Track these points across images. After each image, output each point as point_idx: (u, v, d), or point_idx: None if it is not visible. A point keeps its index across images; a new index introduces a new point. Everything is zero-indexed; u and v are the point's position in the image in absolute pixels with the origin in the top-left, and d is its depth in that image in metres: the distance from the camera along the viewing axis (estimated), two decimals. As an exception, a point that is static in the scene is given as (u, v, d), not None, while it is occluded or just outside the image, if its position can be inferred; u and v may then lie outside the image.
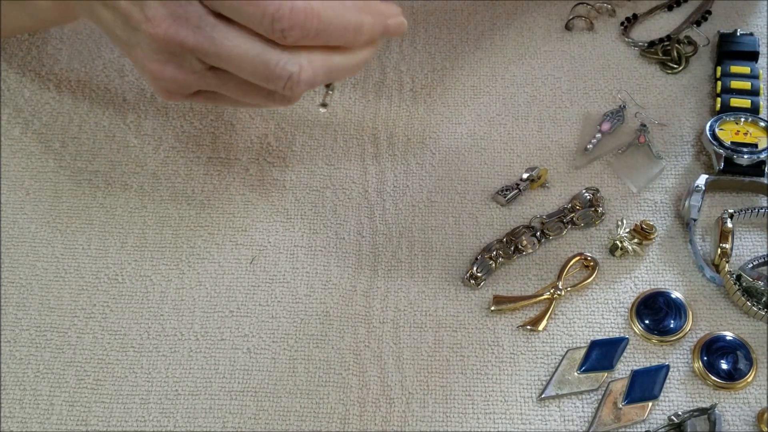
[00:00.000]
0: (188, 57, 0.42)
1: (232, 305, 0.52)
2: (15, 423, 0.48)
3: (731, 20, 0.66)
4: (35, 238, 0.55)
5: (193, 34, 0.41)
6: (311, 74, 0.42)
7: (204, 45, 0.41)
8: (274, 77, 0.41)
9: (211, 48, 0.41)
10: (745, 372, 0.49)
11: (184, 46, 0.41)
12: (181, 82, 0.44)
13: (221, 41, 0.41)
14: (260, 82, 0.42)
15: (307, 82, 0.42)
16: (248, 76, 0.42)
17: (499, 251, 0.53)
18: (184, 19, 0.41)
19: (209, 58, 0.42)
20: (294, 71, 0.41)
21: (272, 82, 0.42)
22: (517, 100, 0.62)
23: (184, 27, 0.41)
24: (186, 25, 0.41)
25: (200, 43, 0.41)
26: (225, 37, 0.41)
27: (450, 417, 0.48)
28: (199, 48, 0.41)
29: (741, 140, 0.56)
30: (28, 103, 0.61)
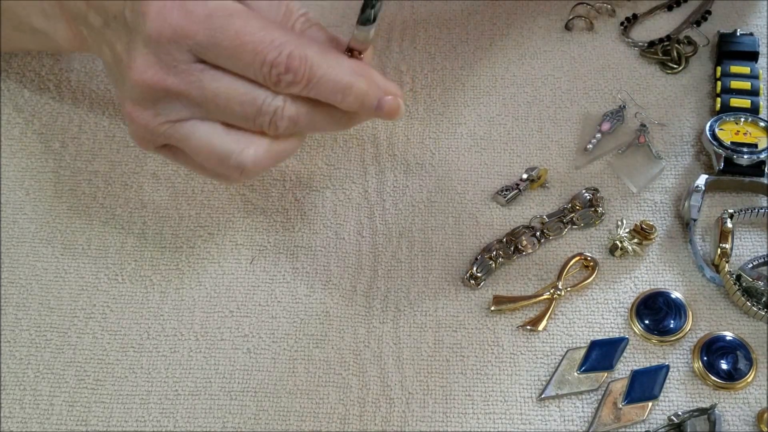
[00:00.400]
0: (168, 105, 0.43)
1: (232, 305, 0.52)
2: (15, 423, 0.48)
3: (731, 20, 0.66)
4: (35, 238, 0.55)
5: (179, 80, 0.42)
6: (294, 113, 0.42)
7: (191, 91, 0.42)
8: (261, 113, 0.42)
9: (198, 92, 0.42)
10: (745, 372, 0.49)
11: (170, 90, 0.42)
12: (152, 130, 0.44)
13: (209, 83, 0.42)
14: (246, 120, 0.42)
15: (291, 119, 0.42)
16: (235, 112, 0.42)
17: (499, 251, 0.53)
18: (172, 66, 0.42)
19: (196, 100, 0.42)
20: (279, 105, 0.42)
21: (259, 117, 0.42)
22: (517, 100, 0.62)
23: (171, 73, 0.42)
24: (173, 71, 0.42)
25: (187, 88, 0.42)
26: (213, 79, 0.42)
27: (450, 417, 0.48)
28: (186, 92, 0.42)
29: (741, 140, 0.56)
30: (28, 103, 0.61)
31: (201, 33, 0.41)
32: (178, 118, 0.43)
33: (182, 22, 0.41)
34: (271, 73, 0.41)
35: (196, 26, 0.41)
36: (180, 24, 0.41)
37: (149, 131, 0.44)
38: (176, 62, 0.42)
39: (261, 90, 0.42)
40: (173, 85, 0.42)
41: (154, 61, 0.42)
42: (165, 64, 0.42)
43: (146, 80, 0.42)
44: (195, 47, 0.41)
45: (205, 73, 0.42)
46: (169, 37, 0.41)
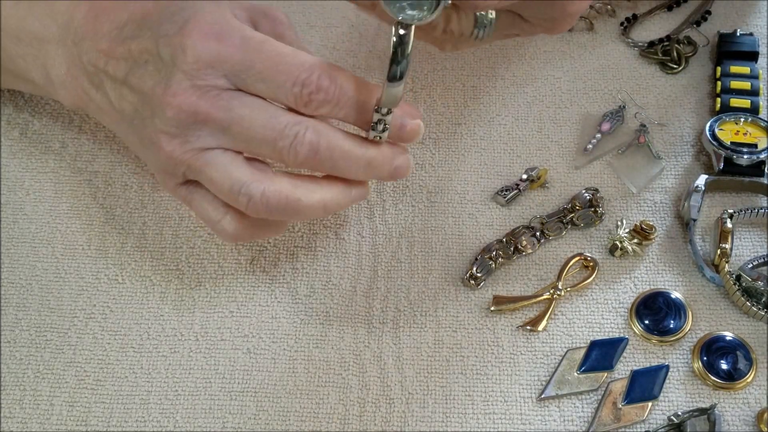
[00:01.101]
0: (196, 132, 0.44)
1: (232, 305, 0.52)
2: (15, 423, 0.48)
3: (731, 20, 0.66)
4: (35, 238, 0.55)
5: (210, 104, 0.43)
6: (316, 140, 0.43)
7: (219, 114, 0.43)
8: (282, 136, 0.43)
9: (226, 116, 0.43)
10: (745, 372, 0.49)
11: (199, 114, 0.43)
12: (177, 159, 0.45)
13: (237, 107, 0.43)
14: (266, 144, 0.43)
15: (312, 145, 0.43)
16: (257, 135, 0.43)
17: (499, 251, 0.53)
18: (206, 91, 0.43)
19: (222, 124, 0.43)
20: (300, 131, 0.43)
21: (280, 141, 0.43)
22: (517, 100, 0.62)
23: (203, 98, 0.43)
24: (205, 96, 0.43)
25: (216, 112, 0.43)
26: (242, 104, 0.43)
27: (450, 417, 0.48)
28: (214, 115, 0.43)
29: (741, 140, 0.56)
30: (28, 103, 0.61)
31: (237, 56, 0.43)
32: (205, 146, 0.44)
33: (219, 47, 0.43)
34: (302, 93, 0.43)
35: (232, 50, 0.43)
36: (217, 49, 0.43)
37: (174, 161, 0.45)
38: (210, 87, 0.43)
39: (286, 115, 0.43)
40: (203, 108, 0.43)
41: (188, 86, 0.43)
42: (199, 89, 0.43)
43: (180, 104, 0.43)
44: (230, 71, 0.43)
45: (235, 99, 0.43)
46: (207, 63, 0.43)
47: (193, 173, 0.45)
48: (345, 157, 0.44)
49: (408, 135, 0.45)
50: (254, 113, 0.43)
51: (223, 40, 0.43)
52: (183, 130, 0.44)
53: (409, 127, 0.45)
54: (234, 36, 0.43)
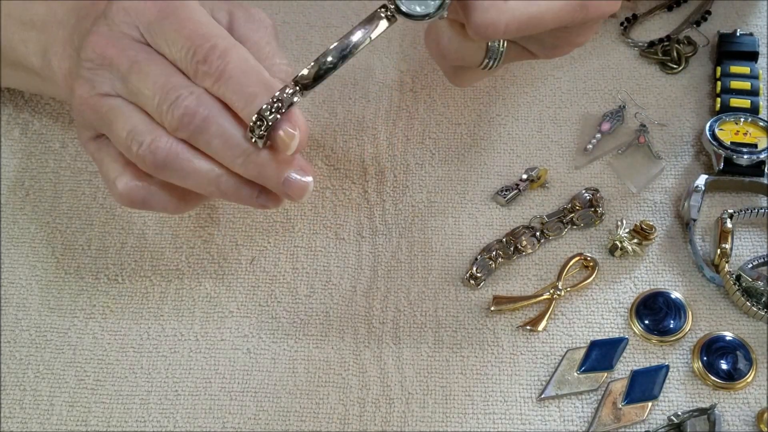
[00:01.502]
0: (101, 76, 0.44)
1: (232, 305, 0.52)
2: (15, 423, 0.48)
3: (731, 20, 0.66)
4: (35, 238, 0.55)
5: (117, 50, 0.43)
6: (194, 105, 0.42)
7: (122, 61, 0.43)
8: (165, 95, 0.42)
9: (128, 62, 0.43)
10: (745, 372, 0.49)
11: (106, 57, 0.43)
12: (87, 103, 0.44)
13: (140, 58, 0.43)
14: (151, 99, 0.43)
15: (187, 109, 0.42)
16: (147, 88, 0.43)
17: (499, 251, 0.53)
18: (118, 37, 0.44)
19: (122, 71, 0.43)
20: (183, 94, 0.42)
21: (162, 98, 0.42)
22: (517, 100, 0.62)
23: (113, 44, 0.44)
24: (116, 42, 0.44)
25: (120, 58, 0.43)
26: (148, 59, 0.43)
27: (450, 417, 0.48)
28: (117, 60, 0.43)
29: (741, 140, 0.56)
30: (28, 103, 0.61)
31: (152, 12, 0.43)
32: (107, 91, 0.44)
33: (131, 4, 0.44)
34: (192, 60, 0.42)
35: (150, 5, 0.43)
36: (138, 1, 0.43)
37: (83, 105, 0.44)
38: (123, 35, 0.44)
39: (180, 78, 0.43)
40: (110, 52, 0.43)
41: (105, 31, 0.44)
42: (113, 34, 0.44)
43: (93, 45, 0.44)
44: (144, 24, 0.43)
45: (142, 52, 0.43)
46: (125, 9, 0.44)
47: (99, 121, 0.45)
48: (221, 137, 0.42)
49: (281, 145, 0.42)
50: (152, 68, 0.43)
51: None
52: (92, 73, 0.44)
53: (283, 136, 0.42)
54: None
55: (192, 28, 0.43)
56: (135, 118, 0.44)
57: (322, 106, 0.61)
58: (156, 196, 0.45)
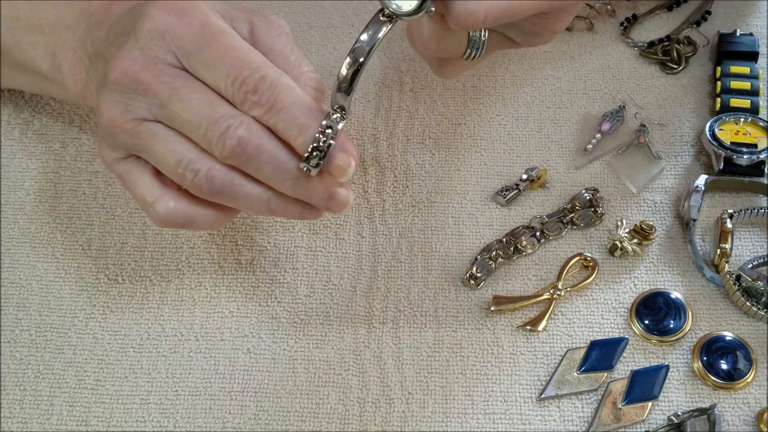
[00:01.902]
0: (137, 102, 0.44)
1: (232, 305, 0.52)
2: (15, 423, 0.48)
3: (731, 20, 0.66)
4: (35, 238, 0.55)
5: (153, 75, 0.43)
6: (246, 135, 0.42)
7: (160, 89, 0.43)
8: (215, 124, 0.42)
9: (167, 93, 0.43)
10: (745, 372, 0.49)
11: (141, 83, 0.43)
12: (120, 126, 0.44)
13: (180, 85, 0.43)
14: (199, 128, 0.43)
15: (241, 140, 0.42)
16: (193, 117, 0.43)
17: (499, 251, 0.53)
18: (153, 62, 0.43)
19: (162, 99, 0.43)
20: (234, 124, 0.42)
21: (212, 128, 0.42)
22: (517, 100, 0.62)
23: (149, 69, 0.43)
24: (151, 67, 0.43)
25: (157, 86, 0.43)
26: (185, 84, 0.43)
27: (450, 417, 0.48)
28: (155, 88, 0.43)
29: (741, 140, 0.56)
30: (28, 103, 0.61)
31: (190, 35, 0.43)
32: (143, 116, 0.44)
33: (175, 21, 0.43)
34: (240, 90, 0.42)
35: (187, 29, 0.43)
36: (173, 23, 0.43)
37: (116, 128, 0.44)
38: (158, 59, 0.43)
39: (226, 107, 0.43)
40: (145, 78, 0.43)
41: (137, 54, 0.43)
42: (147, 58, 0.43)
43: (124, 68, 0.43)
44: (180, 49, 0.43)
45: (180, 78, 0.43)
46: (160, 33, 0.43)
47: (137, 145, 0.45)
48: (272, 164, 0.43)
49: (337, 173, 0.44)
50: (194, 96, 0.43)
51: (183, 17, 0.43)
52: (125, 96, 0.44)
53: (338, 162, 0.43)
54: (195, 17, 0.43)
55: (236, 57, 0.42)
56: (181, 146, 0.44)
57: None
58: (198, 216, 0.46)
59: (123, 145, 0.45)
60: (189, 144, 0.44)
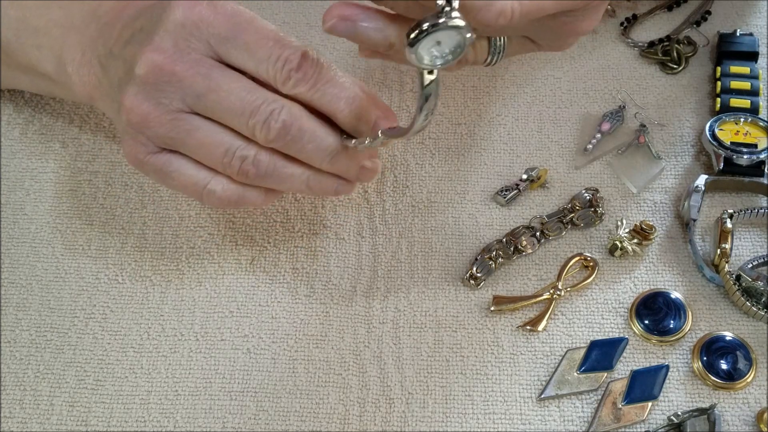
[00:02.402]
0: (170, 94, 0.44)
1: (232, 305, 0.52)
2: (15, 423, 0.48)
3: (731, 20, 0.66)
4: (35, 238, 0.55)
5: (188, 67, 0.43)
6: (289, 119, 0.43)
7: (197, 80, 0.43)
8: (258, 111, 0.43)
9: (203, 83, 0.43)
10: (745, 372, 0.49)
11: (176, 75, 0.43)
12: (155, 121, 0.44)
13: (217, 79, 0.43)
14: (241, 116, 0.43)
15: (284, 125, 0.43)
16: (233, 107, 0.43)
17: (499, 251, 0.53)
18: (186, 53, 0.43)
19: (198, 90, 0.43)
20: (276, 109, 0.43)
21: (255, 115, 0.43)
22: (517, 100, 0.62)
23: (183, 59, 0.43)
24: (185, 58, 0.43)
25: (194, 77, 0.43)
26: (223, 75, 0.43)
27: (450, 417, 0.48)
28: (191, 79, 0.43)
29: (741, 140, 0.56)
30: (28, 104, 0.61)
31: (225, 24, 0.43)
32: (179, 108, 0.44)
33: (208, 12, 0.43)
34: (284, 69, 0.43)
35: (221, 18, 0.43)
36: (206, 14, 0.43)
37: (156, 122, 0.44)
38: (191, 50, 0.43)
39: (264, 92, 0.43)
40: (181, 70, 0.43)
41: (169, 46, 0.43)
42: (179, 50, 0.43)
43: (157, 62, 0.43)
44: (215, 38, 0.43)
45: (215, 68, 0.43)
46: (193, 23, 0.43)
47: (175, 139, 0.45)
48: (313, 142, 0.44)
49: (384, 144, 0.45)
50: (233, 84, 0.43)
51: (215, 7, 0.43)
52: (155, 90, 0.44)
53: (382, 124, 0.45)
54: (226, 5, 0.43)
55: (274, 37, 0.43)
56: (224, 135, 0.44)
57: (322, 106, 0.61)
58: (249, 194, 0.47)
59: (156, 139, 0.45)
60: (230, 132, 0.44)
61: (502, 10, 0.42)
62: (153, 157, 0.46)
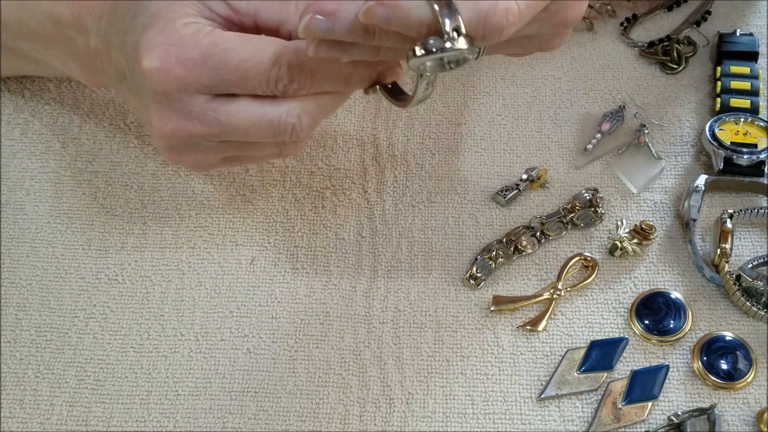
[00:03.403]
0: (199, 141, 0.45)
1: (232, 305, 0.52)
2: (15, 423, 0.48)
3: (731, 20, 0.66)
4: (35, 238, 0.55)
5: (199, 124, 0.44)
6: (310, 120, 0.44)
7: (212, 129, 0.44)
8: (280, 132, 0.44)
9: (219, 129, 0.44)
10: (745, 372, 0.49)
11: (193, 135, 0.44)
12: (202, 161, 0.47)
13: (226, 120, 0.44)
14: (269, 140, 0.45)
15: (310, 127, 0.44)
16: (257, 138, 0.45)
17: (499, 251, 0.53)
18: (188, 111, 0.43)
19: (219, 138, 0.45)
20: (295, 122, 0.44)
21: (279, 135, 0.44)
22: (517, 100, 0.62)
23: (189, 118, 0.44)
24: (190, 117, 0.44)
25: (208, 128, 0.44)
26: (228, 115, 0.44)
27: (450, 417, 0.48)
28: (208, 133, 0.44)
29: (741, 140, 0.56)
30: (28, 104, 0.61)
31: (204, 76, 0.43)
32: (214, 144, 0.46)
33: (183, 72, 0.42)
34: (278, 87, 0.43)
35: (197, 71, 0.43)
36: (182, 74, 0.42)
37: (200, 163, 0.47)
38: (190, 107, 0.43)
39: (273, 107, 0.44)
40: (193, 128, 0.44)
41: (169, 113, 0.44)
42: (180, 112, 0.44)
43: (168, 132, 0.44)
44: (201, 88, 0.43)
45: (220, 110, 0.44)
46: (177, 89, 0.43)
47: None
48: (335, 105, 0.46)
49: None
50: (244, 119, 0.44)
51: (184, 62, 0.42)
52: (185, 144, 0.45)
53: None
54: (193, 55, 0.42)
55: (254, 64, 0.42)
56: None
57: (322, 106, 0.61)
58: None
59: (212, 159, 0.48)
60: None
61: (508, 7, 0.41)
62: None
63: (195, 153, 0.46)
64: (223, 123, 0.44)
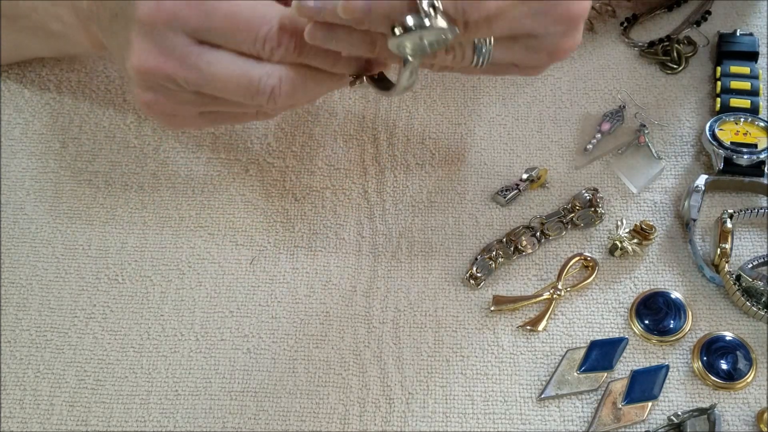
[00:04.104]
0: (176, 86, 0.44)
1: (232, 305, 0.52)
2: (15, 423, 0.48)
3: (731, 20, 0.66)
4: (35, 238, 0.55)
5: (179, 65, 0.43)
6: (290, 87, 0.43)
7: (191, 74, 0.43)
8: (258, 92, 0.43)
9: (197, 76, 0.43)
10: (745, 372, 0.49)
11: (171, 77, 0.43)
12: (178, 115, 0.45)
13: (207, 68, 0.43)
14: (246, 100, 0.43)
15: (288, 94, 0.43)
16: (233, 95, 0.43)
17: (499, 251, 0.53)
18: (170, 50, 0.43)
19: (196, 85, 0.43)
20: (275, 84, 0.43)
21: (257, 96, 0.43)
22: (517, 100, 0.62)
23: (170, 58, 0.43)
24: (171, 56, 0.43)
25: (187, 72, 0.43)
26: (210, 63, 0.43)
27: (450, 417, 0.48)
28: (186, 78, 0.43)
29: (741, 140, 0.56)
30: (29, 103, 0.61)
31: (194, 17, 0.42)
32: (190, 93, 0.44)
33: (173, 6, 0.42)
34: (265, 48, 0.42)
35: (189, 10, 0.42)
36: (171, 8, 0.42)
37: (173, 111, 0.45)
38: (174, 46, 0.43)
39: (256, 66, 0.43)
40: (172, 69, 0.43)
41: (151, 48, 0.43)
42: (163, 49, 0.43)
43: (147, 68, 0.43)
44: (189, 30, 0.42)
45: (202, 57, 0.43)
46: (164, 22, 0.42)
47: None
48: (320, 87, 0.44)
49: None
50: (225, 72, 0.43)
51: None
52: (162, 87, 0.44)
53: None
54: None
55: (243, 18, 0.42)
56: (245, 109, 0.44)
57: (322, 106, 0.61)
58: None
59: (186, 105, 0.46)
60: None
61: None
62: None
63: (169, 100, 0.45)
64: (203, 70, 0.43)
